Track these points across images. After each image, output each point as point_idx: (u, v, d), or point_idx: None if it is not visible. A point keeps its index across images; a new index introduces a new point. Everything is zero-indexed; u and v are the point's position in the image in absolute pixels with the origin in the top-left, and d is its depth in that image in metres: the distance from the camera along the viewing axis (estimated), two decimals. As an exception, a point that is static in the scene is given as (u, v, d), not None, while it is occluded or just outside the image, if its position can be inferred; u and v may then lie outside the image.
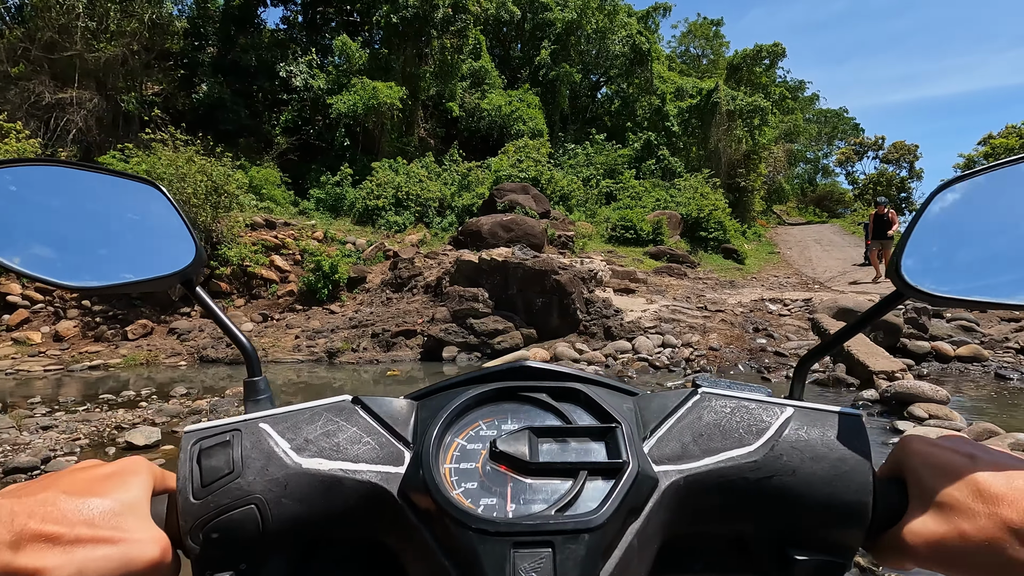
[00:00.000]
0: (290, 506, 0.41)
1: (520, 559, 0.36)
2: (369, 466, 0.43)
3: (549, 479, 0.42)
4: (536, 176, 18.01)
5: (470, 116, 23.33)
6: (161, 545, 0.39)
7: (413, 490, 0.41)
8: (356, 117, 19.17)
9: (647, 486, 0.41)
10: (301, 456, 0.43)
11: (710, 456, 0.44)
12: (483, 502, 0.41)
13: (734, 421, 0.46)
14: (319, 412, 0.46)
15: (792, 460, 0.43)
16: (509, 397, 0.48)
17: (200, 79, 18.96)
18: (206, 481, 0.41)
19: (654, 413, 0.47)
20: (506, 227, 13.60)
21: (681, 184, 21.62)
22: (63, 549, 0.34)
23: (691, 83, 26.23)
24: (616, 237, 16.60)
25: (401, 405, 0.48)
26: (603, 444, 0.44)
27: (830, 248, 21.88)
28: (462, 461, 0.44)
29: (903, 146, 36.34)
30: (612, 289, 10.27)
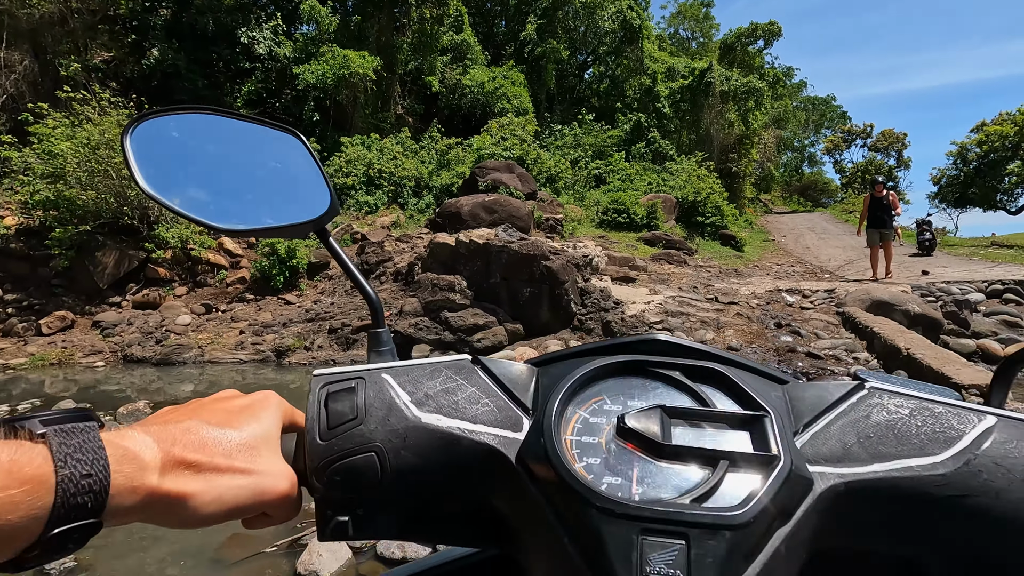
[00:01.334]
0: (408, 458, 0.40)
1: (649, 548, 0.32)
2: (487, 428, 0.41)
3: (683, 464, 0.37)
4: (521, 156, 16.46)
5: (451, 93, 21.62)
6: (290, 480, 0.40)
7: (532, 458, 0.38)
8: (326, 89, 17.38)
9: (800, 487, 0.36)
10: (421, 410, 0.41)
11: (880, 462, 0.37)
12: (606, 480, 0.37)
13: (914, 425, 0.38)
14: (439, 368, 0.44)
15: (995, 480, 0.35)
16: (638, 372, 0.43)
17: (151, 44, 16.95)
18: (332, 424, 0.40)
19: (809, 405, 0.41)
20: (489, 208, 12.10)
21: (673, 168, 20.26)
22: (204, 476, 0.35)
23: (683, 63, 24.79)
24: (608, 221, 15.17)
25: (521, 369, 0.45)
26: (747, 434, 0.38)
27: (826, 236, 20.80)
28: (584, 434, 0.40)
29: (891, 134, 35.49)
30: (610, 278, 8.83)
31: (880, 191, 9.89)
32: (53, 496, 0.28)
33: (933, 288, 9.35)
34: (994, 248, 17.06)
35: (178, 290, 10.18)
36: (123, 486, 0.31)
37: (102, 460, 0.31)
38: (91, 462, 0.30)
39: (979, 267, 11.87)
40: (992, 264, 12.21)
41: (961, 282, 9.99)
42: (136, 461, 0.32)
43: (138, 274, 10.12)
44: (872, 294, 7.81)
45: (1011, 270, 11.30)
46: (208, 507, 0.36)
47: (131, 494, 0.32)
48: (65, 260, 9.46)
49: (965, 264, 12.39)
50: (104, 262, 9.73)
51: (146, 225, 10.06)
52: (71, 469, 0.29)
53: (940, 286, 9.50)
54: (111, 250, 9.84)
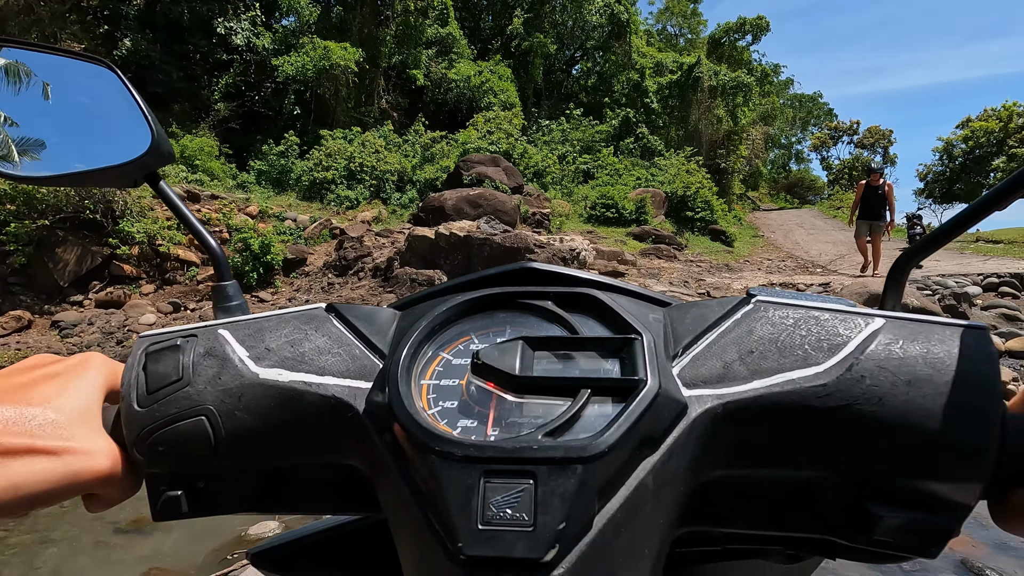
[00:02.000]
0: (244, 419, 0.36)
1: (492, 491, 0.29)
2: (336, 379, 0.37)
3: (543, 398, 0.34)
4: (508, 150, 16.05)
5: (436, 87, 21.15)
6: (111, 457, 0.35)
7: (375, 406, 0.35)
8: (306, 81, 16.85)
9: (670, 411, 0.32)
10: (260, 366, 0.37)
11: (760, 378, 0.34)
12: (461, 423, 0.34)
13: (797, 335, 0.35)
14: (287, 319, 0.40)
15: (879, 384, 0.32)
16: (508, 305, 0.40)
17: (123, 34, 16.31)
18: (152, 388, 0.36)
19: (689, 326, 0.38)
20: (473, 202, 11.70)
21: (662, 163, 19.96)
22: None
23: (671, 58, 24.51)
24: (596, 216, 14.81)
25: (383, 314, 0.42)
26: (617, 361, 0.35)
27: (814, 232, 20.65)
28: (444, 377, 0.37)
29: (878, 131, 35.54)
30: (598, 272, 8.43)
31: (876, 180, 8.99)
32: None
33: (929, 281, 9.08)
34: (980, 243, 16.96)
35: (145, 288, 9.64)
36: None
37: None
38: None
39: (972, 260, 11.66)
40: (985, 257, 12.02)
41: (956, 275, 9.75)
42: None
43: (102, 271, 9.58)
44: (869, 288, 7.50)
45: (1004, 263, 11.10)
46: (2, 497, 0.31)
47: None
48: (23, 257, 8.90)
49: (957, 258, 12.17)
50: (65, 259, 9.18)
51: (110, 220, 9.51)
52: None
53: (936, 279, 9.24)
54: (72, 246, 9.29)
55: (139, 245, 9.66)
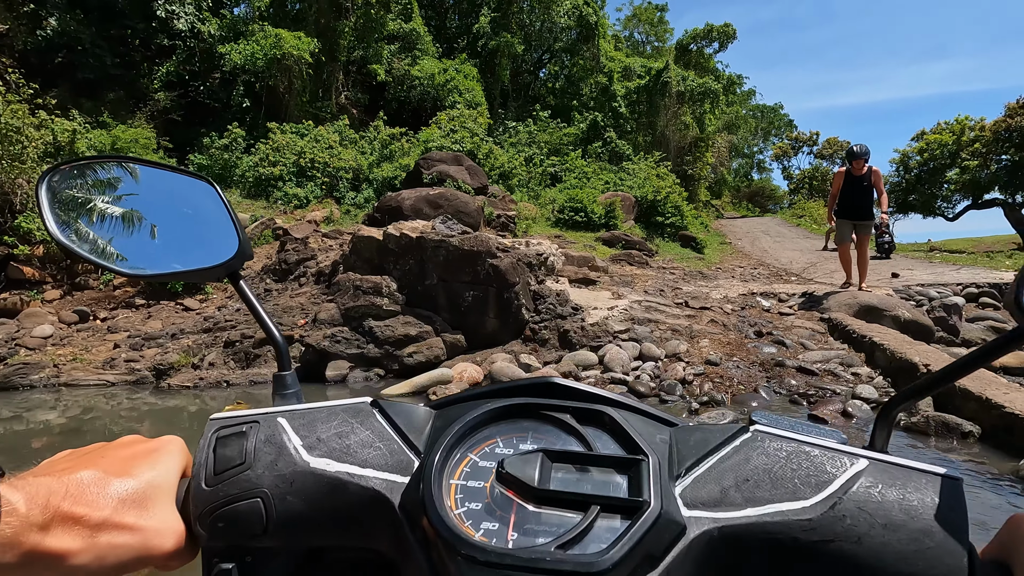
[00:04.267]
0: (294, 504, 0.39)
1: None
2: (376, 472, 0.40)
3: (559, 510, 0.37)
4: (472, 149, 15.15)
5: (399, 84, 20.08)
6: (177, 536, 0.39)
7: (411, 503, 0.38)
8: (256, 72, 15.57)
9: (671, 532, 0.35)
10: (311, 455, 0.41)
11: (753, 506, 0.36)
12: (484, 526, 0.37)
13: (789, 468, 0.38)
14: (336, 412, 0.44)
15: (858, 525, 0.35)
16: (532, 415, 0.43)
17: (49, 13, 14.71)
18: (219, 469, 0.40)
19: (693, 449, 0.40)
20: (433, 202, 10.72)
21: (631, 168, 19.39)
22: (88, 533, 0.34)
23: (639, 63, 24.08)
24: (564, 220, 14.03)
25: (420, 413, 0.45)
26: (626, 478, 0.38)
27: (781, 239, 20.41)
28: (471, 479, 0.39)
29: (836, 142, 36.11)
30: (567, 279, 7.59)
31: (860, 168, 6.84)
32: None
33: (911, 291, 8.60)
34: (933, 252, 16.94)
35: (49, 294, 8.30)
36: (5, 541, 0.30)
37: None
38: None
39: (944, 270, 11.34)
40: (955, 267, 11.74)
41: (935, 285, 9.33)
42: (19, 516, 0.31)
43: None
44: (859, 298, 6.88)
45: (977, 272, 10.80)
46: (88, 566, 0.34)
47: (11, 549, 0.30)
48: None
49: (929, 267, 11.87)
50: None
51: (7, 215, 8.16)
52: None
53: (917, 289, 8.77)
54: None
55: (43, 244, 8.32)
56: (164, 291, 8.48)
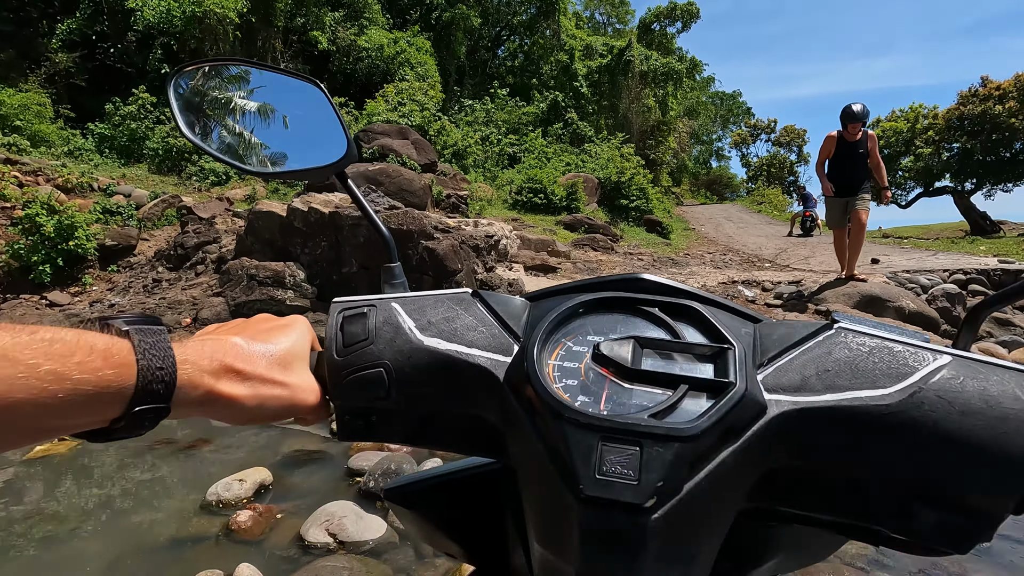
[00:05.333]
0: (411, 375, 0.43)
1: (607, 452, 0.36)
2: (481, 352, 0.44)
3: (648, 387, 0.40)
4: (423, 125, 13.65)
5: (344, 55, 18.23)
6: (316, 393, 0.45)
7: (516, 378, 0.41)
8: (175, 33, 13.56)
9: (752, 410, 0.37)
10: (423, 335, 0.45)
11: (832, 392, 0.38)
12: (580, 399, 0.40)
13: (871, 361, 0.39)
14: (442, 299, 0.48)
15: (936, 411, 0.36)
16: (622, 307, 0.46)
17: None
18: (347, 343, 0.44)
19: (776, 342, 0.42)
20: (372, 179, 9.26)
21: (593, 150, 18.25)
22: (249, 383, 0.40)
23: (601, 41, 22.90)
24: (522, 203, 12.75)
25: (517, 303, 0.48)
26: (712, 365, 0.40)
27: (744, 225, 19.72)
28: (566, 360, 0.43)
29: (793, 130, 36.07)
30: (523, 266, 6.32)
31: (855, 132, 5.54)
32: (135, 380, 0.33)
33: (901, 278, 7.75)
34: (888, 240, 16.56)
35: None
36: (186, 382, 0.36)
37: (171, 357, 0.36)
38: (162, 357, 0.35)
39: (921, 255, 10.65)
40: (932, 252, 11.08)
41: (921, 271, 8.55)
42: (195, 364, 0.37)
43: None
44: (860, 288, 5.90)
45: (957, 258, 10.15)
46: (252, 410, 0.40)
47: (192, 390, 0.37)
48: None
49: (904, 252, 11.18)
50: None
51: None
52: (148, 360, 0.34)
53: (906, 276, 7.94)
54: None
55: None
56: (26, 282, 6.78)
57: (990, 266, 8.81)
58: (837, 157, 5.75)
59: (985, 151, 22.97)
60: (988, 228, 20.85)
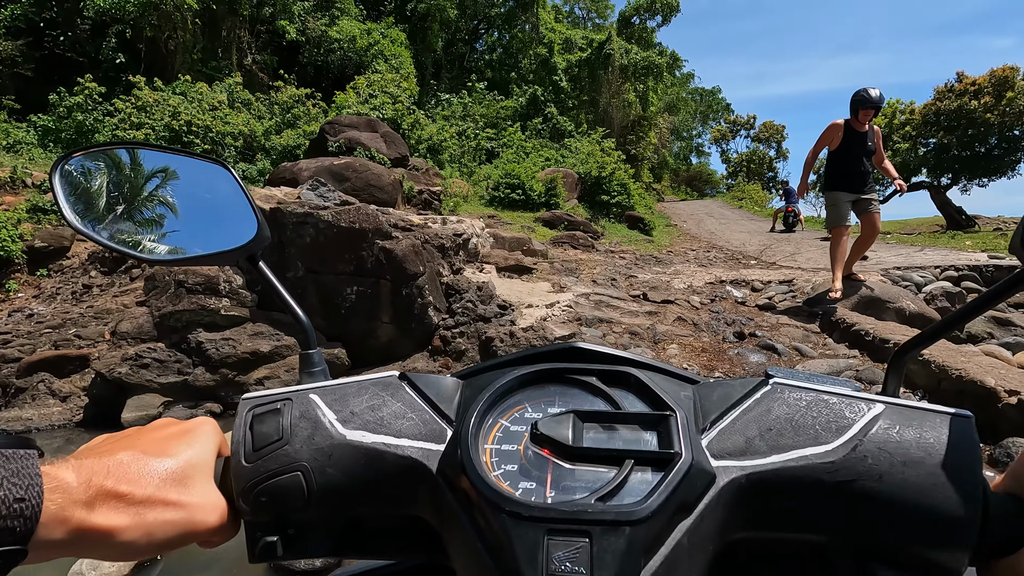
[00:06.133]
0: (333, 475, 0.40)
1: (554, 547, 0.33)
2: (411, 442, 0.41)
3: (592, 466, 0.38)
4: (395, 118, 12.97)
5: (315, 47, 17.43)
6: (220, 511, 0.39)
7: (450, 468, 0.39)
8: (129, 20, 12.67)
9: (702, 481, 0.36)
10: (346, 428, 0.41)
11: (778, 453, 0.38)
12: (522, 486, 0.37)
13: (810, 416, 0.39)
14: (366, 386, 0.44)
15: (879, 464, 0.36)
16: (557, 379, 0.44)
17: None
18: (257, 446, 0.40)
19: (716, 403, 0.42)
20: (337, 174, 8.65)
21: (573, 145, 17.72)
22: (134, 510, 0.34)
23: (580, 35, 22.36)
24: (499, 199, 12.17)
25: (447, 383, 0.45)
26: (655, 434, 0.39)
27: (726, 221, 19.40)
28: (504, 443, 0.40)
29: (772, 126, 36.00)
30: (495, 267, 5.74)
31: (866, 119, 4.96)
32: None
33: (893, 275, 7.35)
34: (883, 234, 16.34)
35: None
36: (53, 516, 0.31)
37: (37, 487, 0.30)
38: (26, 487, 0.30)
39: (908, 251, 10.34)
40: (919, 248, 10.77)
41: (911, 268, 8.18)
42: (67, 492, 0.32)
43: None
44: (858, 288, 5.45)
45: (944, 253, 9.84)
46: (137, 542, 0.35)
47: (59, 525, 0.31)
48: None
49: (890, 248, 10.86)
50: None
51: None
52: (5, 491, 0.29)
53: (898, 274, 7.55)
54: None
55: None
56: (-62, 290, 6.00)
57: (981, 262, 8.48)
58: (844, 148, 5.07)
59: (961, 146, 23.00)
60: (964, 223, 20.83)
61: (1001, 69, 21.69)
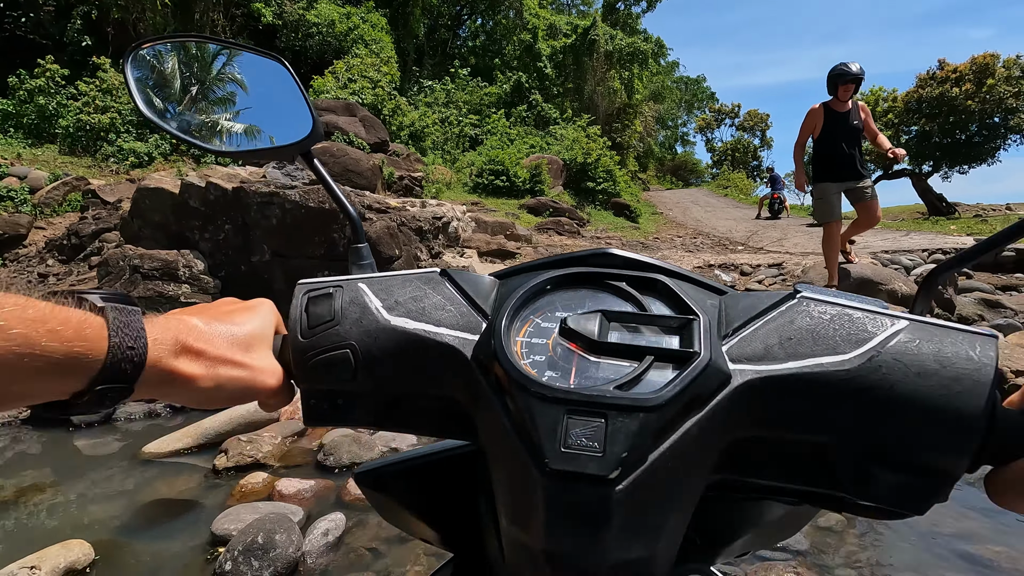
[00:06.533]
0: (378, 355, 0.43)
1: (572, 425, 0.36)
2: (449, 330, 0.43)
3: (615, 360, 0.40)
4: (375, 103, 12.59)
5: (292, 31, 16.86)
6: (277, 376, 0.44)
7: (484, 355, 0.41)
8: (92, 0, 12.09)
9: (717, 379, 0.37)
10: (391, 315, 0.44)
11: (795, 360, 0.38)
12: (548, 374, 0.39)
13: (831, 328, 0.39)
14: (410, 279, 0.47)
15: (892, 374, 0.36)
16: (589, 283, 0.45)
17: None
18: (312, 324, 0.43)
19: (740, 313, 0.42)
20: (314, 159, 8.22)
21: (558, 132, 17.45)
22: (208, 363, 0.39)
23: (564, 20, 22.00)
24: (483, 185, 11.88)
25: (485, 281, 0.47)
26: (677, 336, 0.40)
27: (711, 209, 19.35)
28: (534, 336, 0.42)
29: (756, 114, 35.98)
30: (476, 252, 5.49)
31: (846, 96, 4.62)
32: (104, 357, 0.33)
33: (885, 259, 7.25)
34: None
35: None
36: (153, 362, 0.35)
37: (143, 338, 0.35)
38: (135, 338, 0.34)
39: (894, 235, 10.28)
40: (904, 232, 10.72)
41: (899, 251, 8.11)
42: (162, 344, 0.36)
43: None
44: (850, 269, 5.30)
45: (930, 238, 9.80)
46: (210, 391, 0.40)
47: (156, 370, 0.36)
48: None
49: (879, 233, 10.78)
50: None
51: None
52: (120, 339, 0.33)
53: (887, 257, 7.44)
54: None
55: None
56: None
57: (967, 245, 8.43)
58: (827, 133, 4.74)
59: (943, 133, 23.11)
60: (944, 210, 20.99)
61: (982, 56, 21.78)
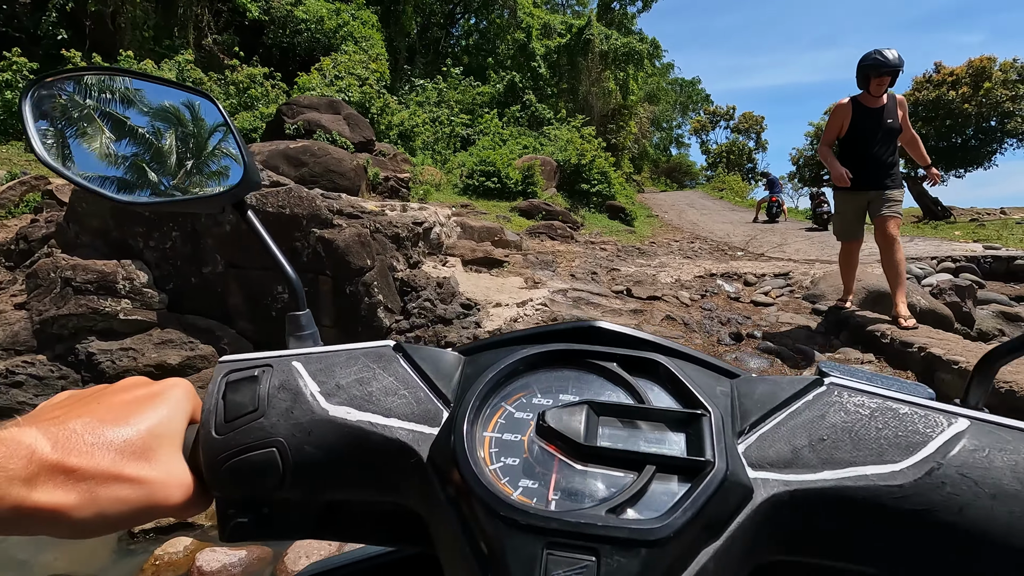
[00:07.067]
0: (312, 454, 0.35)
1: (554, 564, 0.28)
2: (401, 422, 0.36)
3: (606, 469, 0.32)
4: (363, 102, 12.11)
5: (279, 27, 16.37)
6: (184, 487, 0.35)
7: (442, 457, 0.33)
8: (68, -8, 11.55)
9: (736, 496, 0.30)
10: (330, 402, 0.37)
11: (832, 468, 0.31)
12: (522, 483, 0.32)
13: (873, 427, 0.32)
14: (356, 356, 0.39)
15: (960, 494, 0.29)
16: (573, 363, 0.38)
17: None
18: (230, 416, 0.36)
19: (758, 403, 0.35)
20: (293, 158, 7.84)
21: (552, 132, 17.00)
22: (85, 485, 0.30)
23: (559, 19, 21.58)
24: (474, 187, 11.42)
25: (448, 358, 0.40)
26: (683, 436, 0.33)
27: (707, 212, 18.99)
28: (507, 431, 0.35)
29: (751, 116, 35.76)
30: (460, 260, 5.03)
31: (878, 92, 3.78)
32: None
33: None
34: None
35: None
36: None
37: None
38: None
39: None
40: (909, 238, 10.34)
41: (909, 258, 7.72)
42: (5, 471, 0.28)
43: None
44: (864, 282, 4.88)
45: (936, 244, 9.42)
46: (87, 522, 0.31)
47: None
48: None
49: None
50: None
51: None
52: None
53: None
54: None
55: None
56: None
57: (977, 253, 8.05)
58: (855, 133, 3.88)
59: (939, 136, 22.88)
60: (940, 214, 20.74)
61: (979, 59, 21.56)
